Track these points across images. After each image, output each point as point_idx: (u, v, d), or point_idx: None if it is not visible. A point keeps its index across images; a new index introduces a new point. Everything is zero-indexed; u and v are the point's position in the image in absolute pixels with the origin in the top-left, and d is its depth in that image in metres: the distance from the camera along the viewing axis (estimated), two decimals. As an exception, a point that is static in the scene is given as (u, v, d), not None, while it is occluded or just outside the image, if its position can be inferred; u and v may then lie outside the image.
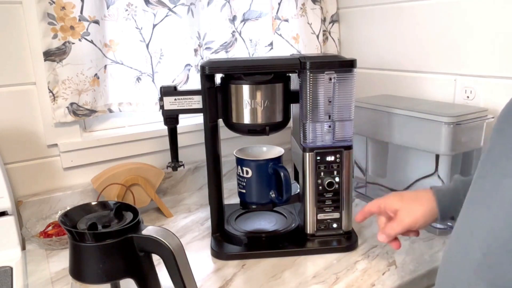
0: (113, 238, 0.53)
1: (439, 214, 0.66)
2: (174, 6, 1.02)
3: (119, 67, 1.01)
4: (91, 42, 0.94)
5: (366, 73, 1.22)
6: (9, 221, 0.85)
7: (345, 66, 0.76)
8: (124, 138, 1.05)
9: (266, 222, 0.89)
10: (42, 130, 0.96)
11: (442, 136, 0.82)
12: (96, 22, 0.94)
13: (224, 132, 0.86)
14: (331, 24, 1.27)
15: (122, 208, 0.58)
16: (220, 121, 0.83)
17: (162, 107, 0.82)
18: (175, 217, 1.00)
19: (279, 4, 1.17)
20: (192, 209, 1.05)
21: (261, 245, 0.83)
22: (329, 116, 0.78)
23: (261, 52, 1.17)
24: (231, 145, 0.97)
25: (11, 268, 0.79)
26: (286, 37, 1.20)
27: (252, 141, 1.12)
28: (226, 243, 0.83)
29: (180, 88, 0.86)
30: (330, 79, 0.76)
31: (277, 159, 0.82)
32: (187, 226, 0.95)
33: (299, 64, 0.76)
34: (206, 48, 1.10)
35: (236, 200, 0.91)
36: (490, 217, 0.43)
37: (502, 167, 0.43)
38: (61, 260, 0.82)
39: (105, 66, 0.99)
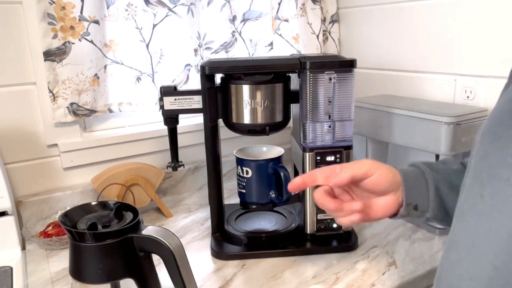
0: (113, 238, 0.53)
1: (403, 186, 0.58)
2: (174, 6, 1.02)
3: (119, 67, 1.01)
4: (91, 42, 0.94)
5: (366, 73, 1.22)
6: (9, 221, 0.85)
7: (345, 66, 0.76)
8: (124, 138, 1.05)
9: (266, 222, 0.89)
10: (42, 130, 0.96)
11: (442, 136, 0.82)
12: (96, 22, 0.94)
13: (224, 132, 0.86)
14: (331, 24, 1.27)
15: (122, 208, 0.58)
16: (220, 121, 0.83)
17: (162, 107, 0.82)
18: (175, 217, 1.00)
19: (279, 4, 1.17)
20: (192, 209, 1.05)
21: (261, 245, 0.83)
22: (329, 116, 0.78)
23: (261, 52, 1.17)
24: (231, 145, 0.97)
25: (11, 268, 0.79)
26: (286, 37, 1.20)
27: (252, 141, 1.12)
28: (226, 243, 0.83)
29: (180, 88, 0.86)
30: (330, 79, 0.76)
31: (277, 159, 0.82)
32: (187, 226, 0.95)
33: (299, 64, 0.76)
34: (206, 48, 1.10)
35: (236, 200, 0.91)
36: (498, 230, 0.41)
37: (503, 177, 0.41)
38: (61, 260, 0.82)
39: (105, 66, 0.99)
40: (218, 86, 0.81)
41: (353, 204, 0.57)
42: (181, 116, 0.84)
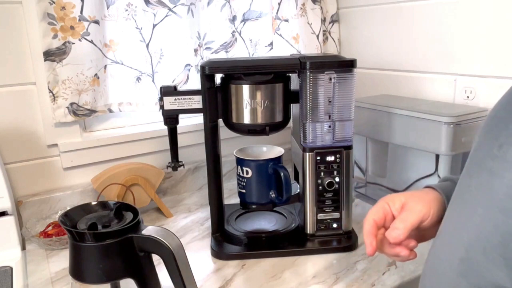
0: (113, 238, 0.53)
1: (446, 202, 0.57)
2: (174, 6, 1.02)
3: (119, 67, 1.01)
4: (91, 42, 0.94)
5: (366, 73, 1.22)
6: (9, 221, 0.85)
7: (345, 66, 0.77)
8: (124, 138, 1.05)
9: (266, 222, 0.89)
10: (42, 130, 0.96)
11: (442, 136, 0.82)
12: (96, 22, 0.94)
13: (224, 132, 0.86)
14: (331, 24, 1.27)
15: (122, 208, 0.58)
16: (220, 121, 0.83)
17: (162, 107, 0.82)
18: (175, 217, 1.00)
19: (279, 4, 1.17)
20: (192, 209, 1.05)
21: (261, 245, 0.83)
22: (329, 116, 0.78)
23: (261, 52, 1.17)
24: (231, 145, 0.97)
25: (11, 268, 0.79)
26: (286, 37, 1.20)
27: (252, 141, 1.12)
28: (226, 243, 0.83)
29: (180, 88, 0.86)
30: (330, 79, 0.76)
31: (277, 159, 0.82)
32: (187, 226, 0.95)
33: (299, 64, 0.76)
34: (206, 48, 1.10)
35: (236, 200, 0.91)
36: (475, 218, 0.43)
37: (488, 167, 0.42)
38: (61, 260, 0.82)
39: (105, 66, 0.99)
40: (218, 86, 0.81)
41: (410, 244, 0.57)
42: (181, 116, 0.84)
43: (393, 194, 0.60)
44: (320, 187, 0.81)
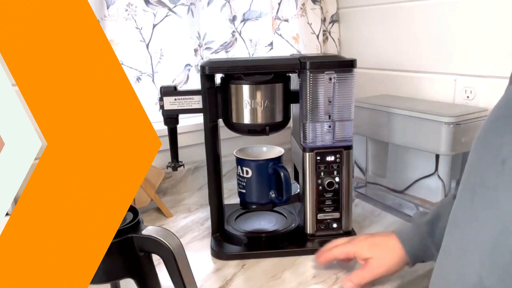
0: (113, 238, 0.53)
1: (410, 262, 0.67)
2: (174, 6, 1.02)
3: (119, 67, 1.01)
4: (91, 42, 0.94)
5: (366, 73, 1.22)
6: (9, 221, 0.85)
7: (345, 66, 0.77)
8: (124, 138, 1.05)
9: (266, 222, 0.89)
10: (42, 130, 0.96)
11: (442, 136, 0.82)
12: (96, 22, 0.94)
13: (224, 132, 0.86)
14: (331, 24, 1.27)
15: (122, 208, 0.58)
16: (220, 121, 0.83)
17: (162, 107, 0.82)
18: (175, 217, 1.00)
19: (279, 4, 1.17)
20: (192, 209, 1.05)
21: (261, 245, 0.83)
22: (329, 116, 0.78)
23: (261, 52, 1.17)
24: (231, 145, 0.97)
25: (11, 268, 0.79)
26: (286, 37, 1.20)
27: (252, 141, 1.11)
28: (226, 243, 0.83)
29: (180, 88, 0.86)
30: (330, 79, 0.76)
31: (277, 159, 0.82)
32: (187, 226, 0.95)
33: (299, 64, 0.76)
34: (206, 48, 1.10)
35: (236, 200, 0.91)
36: (484, 238, 0.41)
37: (492, 185, 0.41)
38: (61, 260, 0.81)
39: (105, 66, 0.99)
40: (218, 86, 0.81)
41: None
42: (181, 116, 0.84)
43: (364, 245, 0.69)
44: (320, 187, 0.81)
